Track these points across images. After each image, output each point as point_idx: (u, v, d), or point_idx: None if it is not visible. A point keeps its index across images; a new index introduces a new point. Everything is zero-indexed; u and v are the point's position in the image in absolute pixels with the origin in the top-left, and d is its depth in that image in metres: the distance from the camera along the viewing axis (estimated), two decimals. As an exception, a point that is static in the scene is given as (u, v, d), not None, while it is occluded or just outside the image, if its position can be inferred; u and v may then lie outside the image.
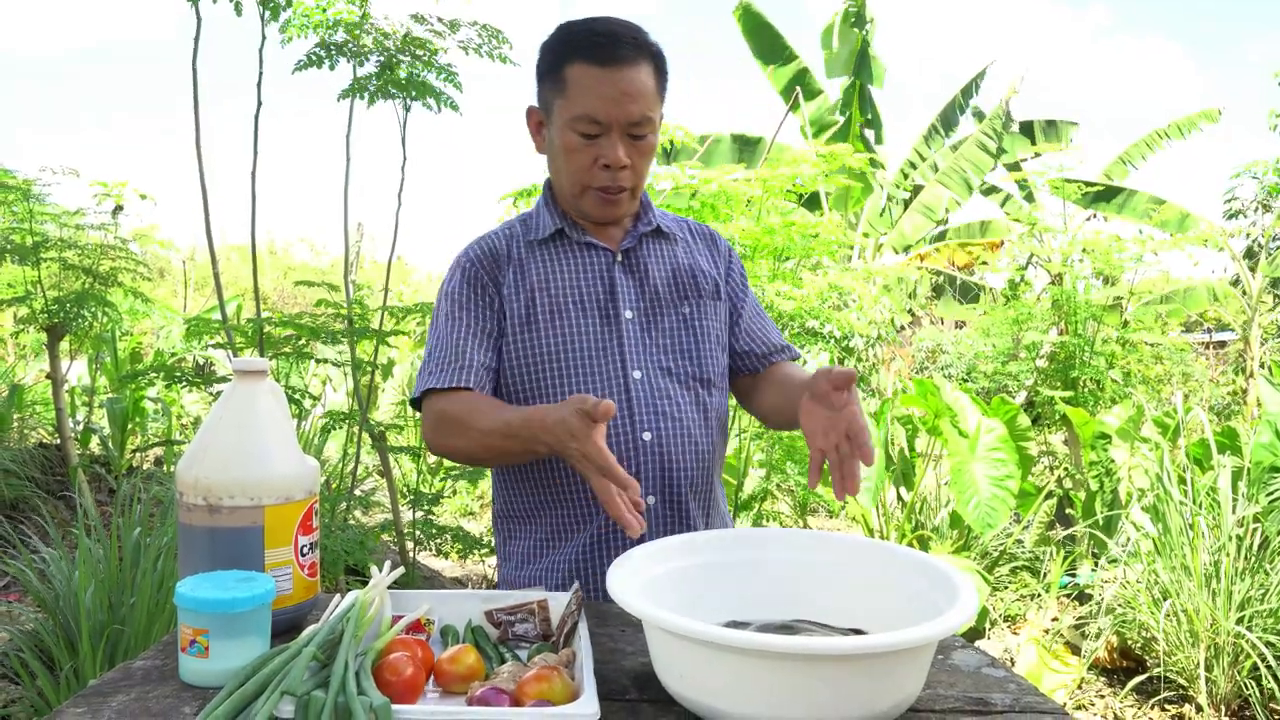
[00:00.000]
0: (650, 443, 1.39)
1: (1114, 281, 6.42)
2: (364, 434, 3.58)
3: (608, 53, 1.32)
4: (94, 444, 5.69)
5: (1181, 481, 3.39)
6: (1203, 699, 2.94)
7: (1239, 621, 3.00)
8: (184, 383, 3.42)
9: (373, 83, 3.30)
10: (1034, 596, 4.01)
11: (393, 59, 3.28)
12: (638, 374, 1.41)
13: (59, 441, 4.60)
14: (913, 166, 10.61)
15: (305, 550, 1.13)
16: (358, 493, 3.86)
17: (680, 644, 0.87)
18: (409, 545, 3.56)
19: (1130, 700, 3.15)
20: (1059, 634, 3.51)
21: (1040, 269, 7.82)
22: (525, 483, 1.44)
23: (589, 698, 0.84)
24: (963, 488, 3.91)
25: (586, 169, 1.38)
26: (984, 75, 10.57)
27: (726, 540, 1.19)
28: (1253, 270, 8.16)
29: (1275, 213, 8.91)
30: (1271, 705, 2.94)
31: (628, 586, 0.95)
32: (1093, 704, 3.16)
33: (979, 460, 4.00)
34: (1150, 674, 3.15)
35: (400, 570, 1.07)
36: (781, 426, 1.54)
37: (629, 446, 1.38)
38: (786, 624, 1.06)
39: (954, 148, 10.30)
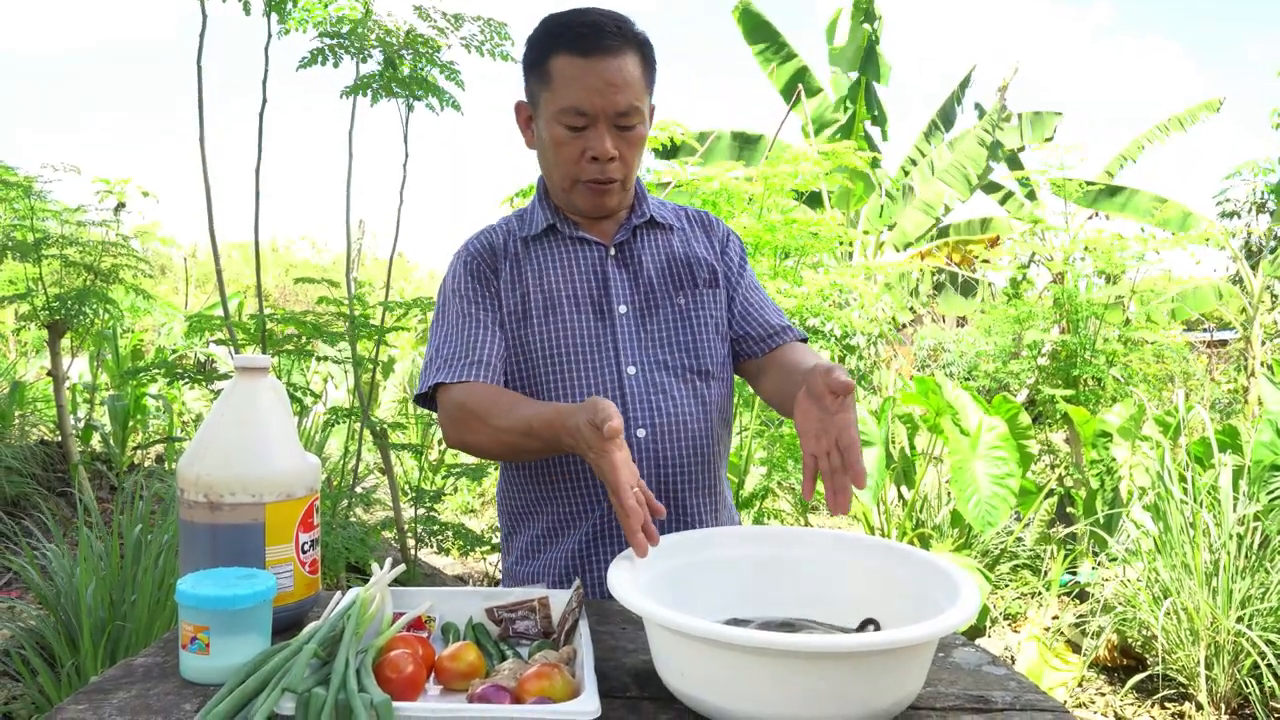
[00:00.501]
0: (645, 439, 1.38)
1: (1116, 280, 6.41)
2: (365, 431, 3.58)
3: (591, 43, 1.30)
4: (95, 441, 5.70)
5: (1182, 480, 3.39)
6: (1203, 697, 2.94)
7: (1239, 620, 3.00)
8: (185, 380, 3.42)
9: (376, 81, 3.30)
10: (1034, 594, 4.01)
11: (396, 56, 3.28)
12: (632, 369, 1.40)
13: (60, 438, 4.61)
14: (913, 163, 10.61)
15: (306, 547, 1.13)
16: (359, 490, 3.86)
17: (681, 641, 0.87)
18: (410, 542, 3.56)
19: (1130, 698, 3.15)
20: (1059, 632, 3.51)
21: (1042, 267, 7.82)
22: (526, 477, 1.44)
23: (590, 695, 0.84)
24: (963, 486, 3.91)
25: (575, 162, 1.36)
26: (977, 70, 10.57)
27: (726, 537, 1.19)
28: (1253, 269, 8.15)
29: (1272, 212, 8.90)
30: (1271, 703, 2.94)
31: (628, 584, 0.95)
32: (1093, 702, 3.16)
33: (980, 458, 4.00)
34: (1150, 672, 3.15)
35: (401, 567, 1.07)
36: (788, 414, 1.50)
37: None
38: (787, 622, 1.06)
39: (951, 144, 10.29)
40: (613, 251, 1.45)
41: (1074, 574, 4.10)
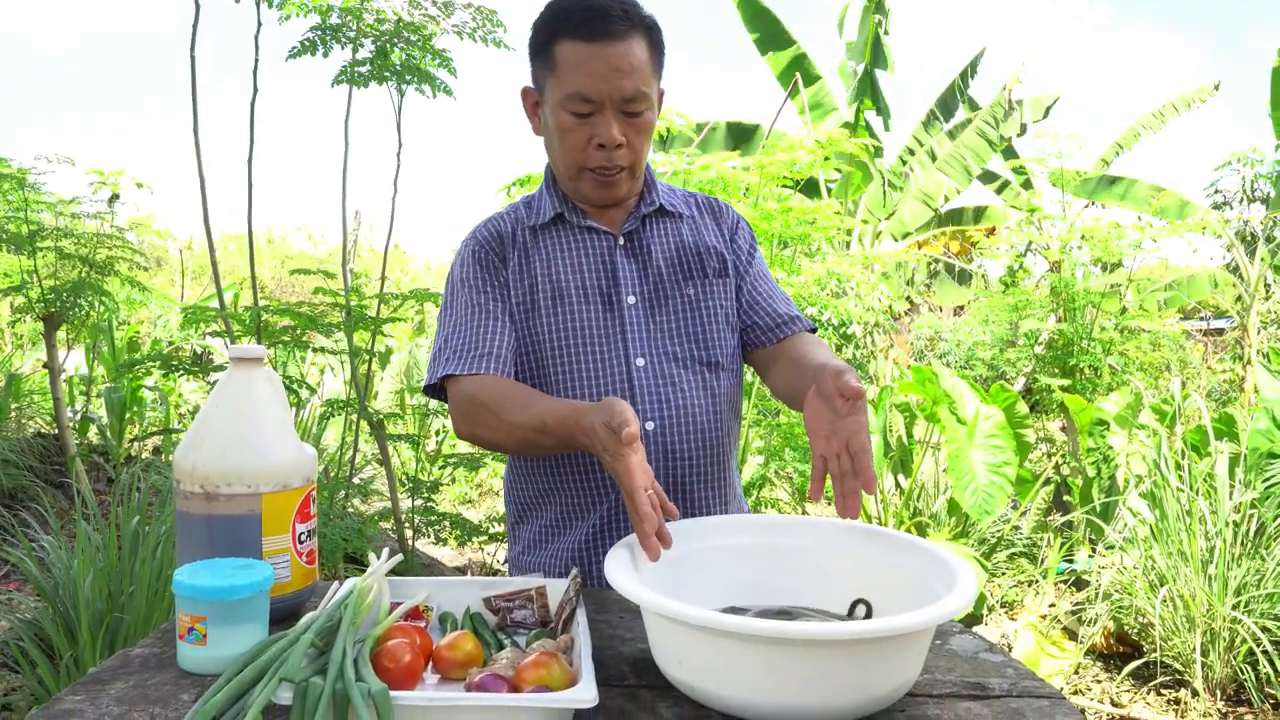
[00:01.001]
0: (654, 432, 1.36)
1: (1112, 269, 6.42)
2: (362, 422, 3.58)
3: (597, 27, 1.27)
4: (92, 433, 5.69)
5: (1179, 468, 3.39)
6: (1199, 683, 2.95)
7: (1235, 607, 3.01)
8: (181, 372, 3.42)
9: (366, 67, 3.28)
10: (1031, 582, 4.03)
11: (387, 44, 3.27)
12: (641, 361, 1.38)
13: (57, 431, 4.60)
14: (910, 153, 10.59)
15: (303, 538, 1.12)
16: (356, 480, 3.87)
17: (678, 630, 0.87)
18: (407, 533, 3.56)
19: (1126, 685, 3.17)
20: (1056, 620, 3.52)
21: (1039, 256, 7.82)
22: (535, 467, 1.43)
23: (587, 683, 0.84)
24: (960, 474, 3.92)
25: (581, 149, 1.33)
26: (981, 58, 10.53)
27: (723, 526, 1.19)
28: (1250, 257, 8.15)
29: (1267, 199, 8.90)
30: (1267, 689, 2.95)
31: (626, 573, 0.95)
32: (1089, 689, 3.17)
33: (977, 447, 4.01)
34: (1146, 659, 3.17)
35: (399, 558, 1.06)
36: (798, 409, 1.44)
37: None
38: (784, 610, 1.06)
39: (951, 134, 10.27)
40: (621, 241, 1.43)
41: (1070, 562, 4.11)
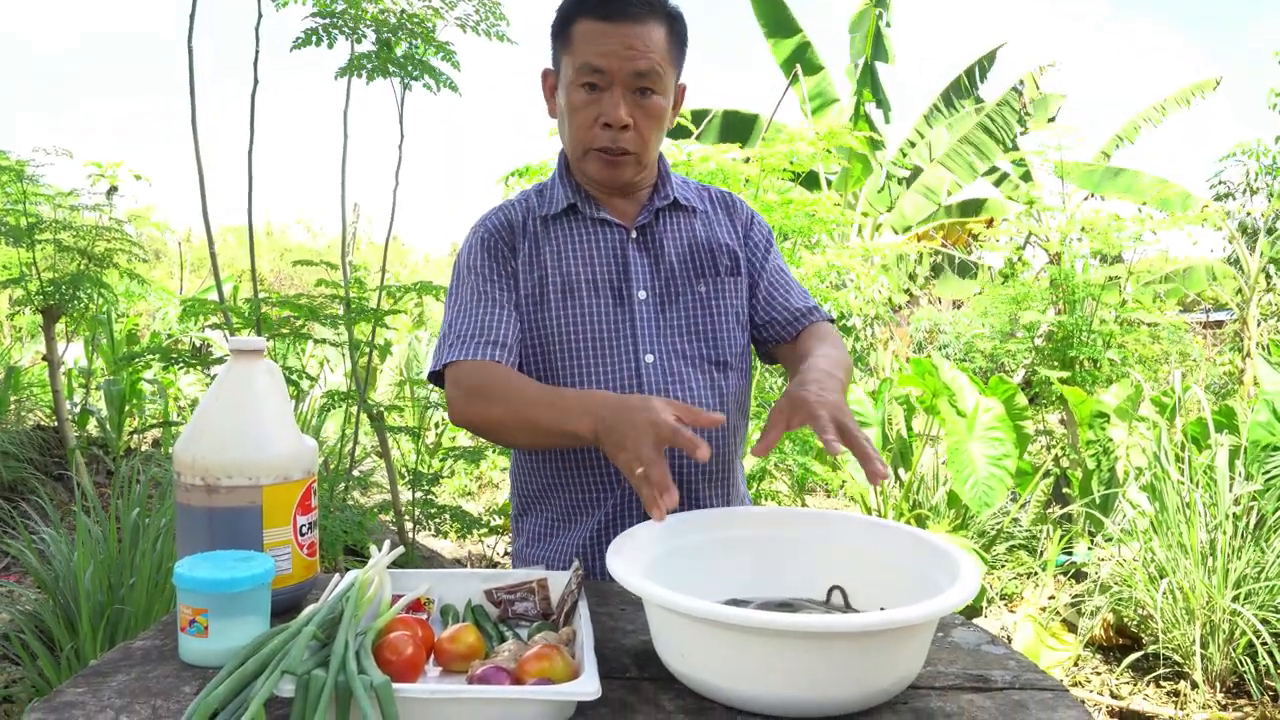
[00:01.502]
0: None
1: (1112, 261, 6.41)
2: (362, 414, 3.58)
3: (615, 8, 1.27)
4: (91, 426, 5.69)
5: (1179, 460, 3.40)
6: (1198, 675, 2.96)
7: (1235, 599, 3.02)
8: (181, 364, 3.41)
9: (371, 61, 3.27)
10: (1031, 575, 4.03)
11: (390, 36, 3.25)
12: (650, 358, 1.37)
13: (56, 423, 4.60)
14: (912, 145, 10.57)
15: (304, 530, 1.12)
16: (356, 473, 3.86)
17: (680, 622, 0.87)
18: (408, 525, 3.56)
19: (1126, 677, 3.17)
20: (1055, 612, 3.52)
21: (1038, 248, 7.81)
22: (540, 461, 1.42)
23: (590, 676, 0.84)
24: (960, 467, 3.92)
25: (588, 128, 1.32)
26: (992, 58, 10.50)
27: (725, 518, 1.19)
28: (1250, 250, 8.15)
29: (1267, 193, 8.89)
30: (1266, 681, 2.96)
31: (628, 565, 0.95)
32: (1089, 681, 3.18)
33: (976, 439, 4.01)
34: (1146, 651, 3.17)
35: (400, 550, 1.06)
36: None
37: None
38: (786, 602, 1.06)
39: (950, 127, 10.25)
40: (634, 234, 1.42)
41: (1070, 554, 4.11)
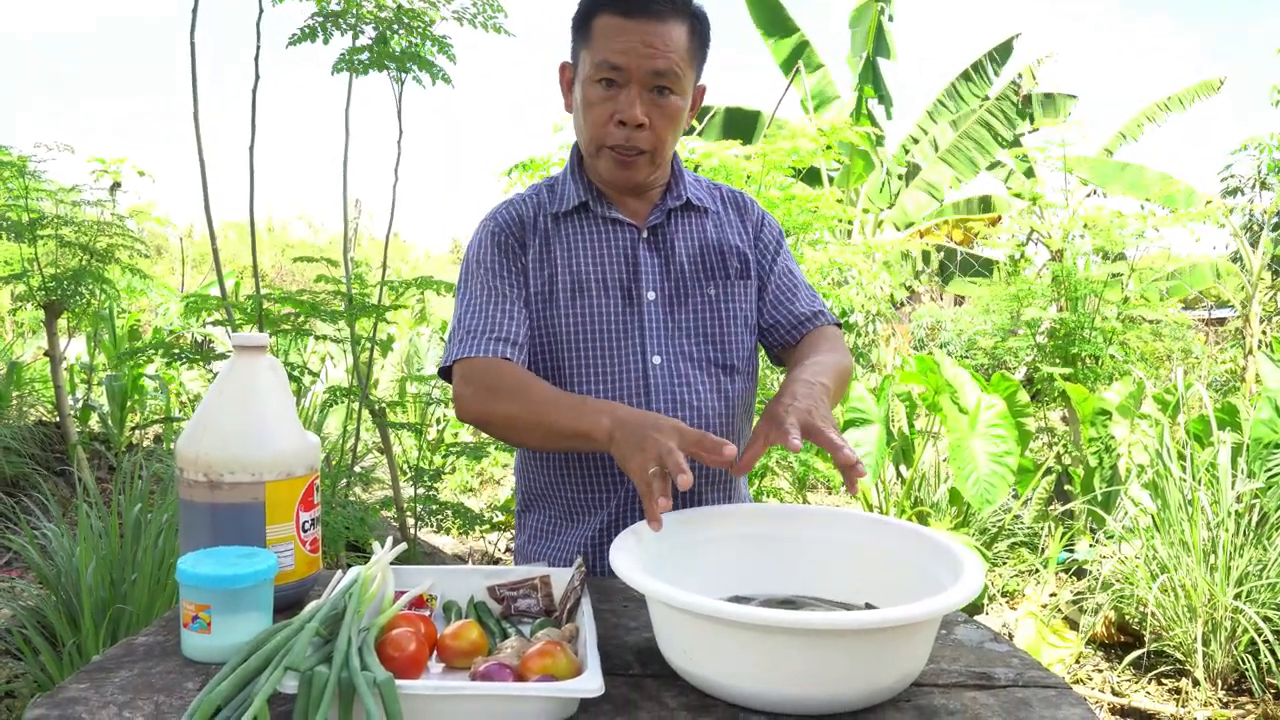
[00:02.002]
0: None
1: (1116, 258, 6.40)
2: (364, 410, 3.58)
3: (636, 4, 1.26)
4: (93, 421, 5.70)
5: (1181, 457, 3.39)
6: (1199, 673, 2.96)
7: (1237, 596, 3.02)
8: (183, 360, 3.41)
9: (366, 55, 3.27)
10: (1032, 572, 4.03)
11: (387, 30, 3.25)
12: (657, 359, 1.37)
13: (58, 419, 4.60)
14: (915, 142, 10.56)
15: (307, 526, 1.12)
16: (358, 469, 3.86)
17: (683, 619, 0.87)
18: (410, 521, 3.56)
19: (1127, 674, 3.17)
20: (1057, 609, 3.52)
21: (1041, 245, 7.80)
22: (544, 459, 1.42)
23: (593, 673, 0.84)
24: (962, 464, 3.91)
25: (603, 125, 1.31)
26: (1007, 50, 10.47)
27: (729, 515, 1.19)
28: (1253, 246, 8.13)
29: (1275, 189, 8.87)
30: (1268, 679, 2.96)
31: (631, 562, 0.95)
32: (1090, 678, 3.18)
33: (978, 436, 4.00)
34: (1147, 649, 3.17)
35: (402, 546, 1.06)
36: None
37: None
38: (789, 599, 1.06)
39: (955, 124, 10.23)
40: (645, 234, 1.41)
41: (1072, 551, 4.11)
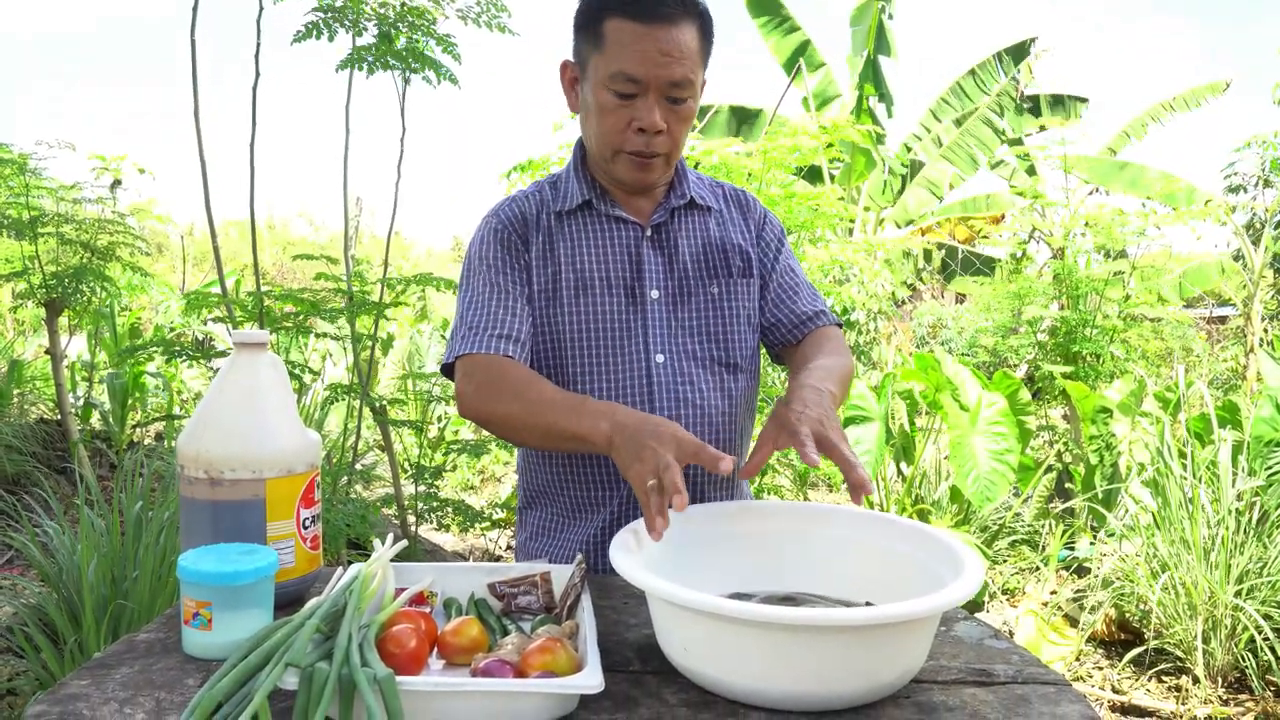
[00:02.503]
0: None
1: (1116, 256, 6.39)
2: (365, 408, 3.58)
3: (650, 8, 1.24)
4: (94, 419, 5.70)
5: (1181, 455, 3.39)
6: (1200, 671, 2.96)
7: (1237, 594, 3.01)
8: (183, 357, 3.41)
9: (371, 53, 3.27)
10: (1033, 570, 4.03)
11: (390, 29, 3.25)
12: (661, 358, 1.36)
13: (59, 417, 4.61)
14: (918, 139, 10.55)
15: (307, 523, 1.12)
16: (359, 466, 3.87)
17: (683, 616, 0.87)
18: (410, 519, 3.56)
19: (1128, 672, 3.17)
20: (1057, 607, 3.52)
21: (1043, 243, 7.80)
22: (546, 457, 1.42)
23: (593, 669, 0.84)
24: (962, 461, 3.91)
25: (620, 131, 1.30)
26: (1011, 56, 10.46)
27: (729, 513, 1.19)
28: (1255, 245, 8.12)
29: (1277, 188, 8.87)
30: (1268, 677, 2.96)
31: (631, 559, 0.95)
32: (1090, 676, 3.18)
33: (979, 434, 4.00)
34: (1148, 646, 3.17)
35: (403, 543, 1.06)
36: None
37: None
38: (790, 596, 1.06)
39: (958, 122, 10.23)
40: (649, 233, 1.41)
41: (1072, 549, 4.11)
